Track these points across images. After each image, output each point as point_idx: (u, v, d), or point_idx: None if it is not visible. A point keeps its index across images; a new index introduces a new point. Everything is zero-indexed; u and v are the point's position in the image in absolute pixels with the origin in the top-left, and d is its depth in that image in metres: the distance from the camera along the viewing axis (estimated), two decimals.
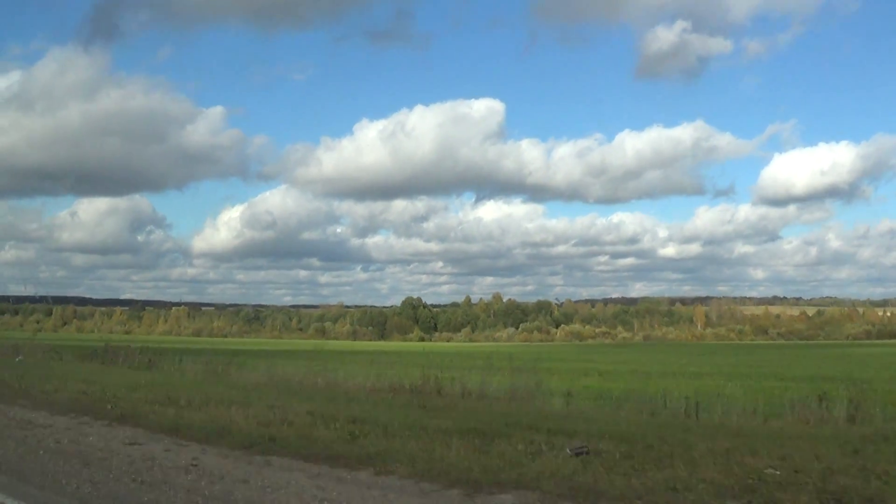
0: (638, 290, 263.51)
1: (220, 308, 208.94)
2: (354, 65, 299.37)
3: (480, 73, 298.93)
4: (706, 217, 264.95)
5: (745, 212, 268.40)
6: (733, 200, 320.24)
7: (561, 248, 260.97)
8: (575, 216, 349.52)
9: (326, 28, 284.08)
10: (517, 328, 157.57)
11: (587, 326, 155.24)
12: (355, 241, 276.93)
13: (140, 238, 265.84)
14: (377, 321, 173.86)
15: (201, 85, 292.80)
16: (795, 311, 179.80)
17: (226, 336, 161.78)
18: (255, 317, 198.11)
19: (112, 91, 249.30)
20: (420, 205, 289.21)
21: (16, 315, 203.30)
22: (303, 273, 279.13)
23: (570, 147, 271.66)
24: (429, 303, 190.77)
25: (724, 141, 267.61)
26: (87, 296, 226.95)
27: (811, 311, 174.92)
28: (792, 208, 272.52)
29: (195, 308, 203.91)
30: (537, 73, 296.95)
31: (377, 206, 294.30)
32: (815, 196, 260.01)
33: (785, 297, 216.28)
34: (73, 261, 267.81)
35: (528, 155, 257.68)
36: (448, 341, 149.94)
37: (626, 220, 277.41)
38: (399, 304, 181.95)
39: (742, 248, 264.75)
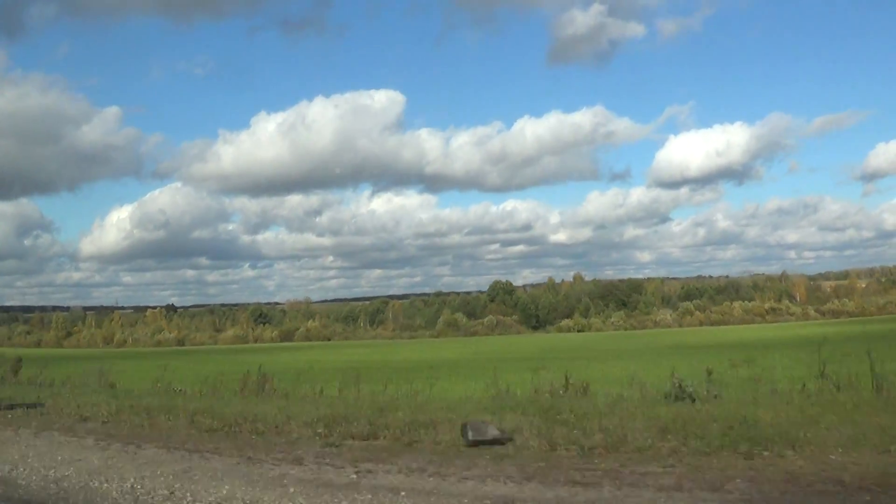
0: (524, 277, 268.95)
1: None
2: (260, 56, 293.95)
3: (387, 62, 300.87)
4: (598, 202, 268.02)
5: (638, 195, 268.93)
6: (629, 184, 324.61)
7: (454, 238, 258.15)
8: (469, 205, 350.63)
9: (244, 18, 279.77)
10: (674, 309, 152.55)
11: (752, 303, 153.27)
12: (246, 238, 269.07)
13: (27, 243, 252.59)
14: (464, 309, 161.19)
15: (100, 82, 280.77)
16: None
17: (329, 339, 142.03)
18: (260, 315, 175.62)
19: (7, 91, 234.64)
20: (314, 199, 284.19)
21: None
22: (190, 273, 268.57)
23: (469, 135, 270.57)
24: (316, 298, 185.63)
25: (622, 125, 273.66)
26: None
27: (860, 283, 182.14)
28: (684, 190, 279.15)
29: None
30: (448, 61, 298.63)
31: (271, 201, 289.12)
32: (708, 177, 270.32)
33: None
34: None
35: (428, 144, 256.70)
36: (592, 330, 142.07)
37: (519, 207, 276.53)
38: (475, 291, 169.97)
39: (632, 232, 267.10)
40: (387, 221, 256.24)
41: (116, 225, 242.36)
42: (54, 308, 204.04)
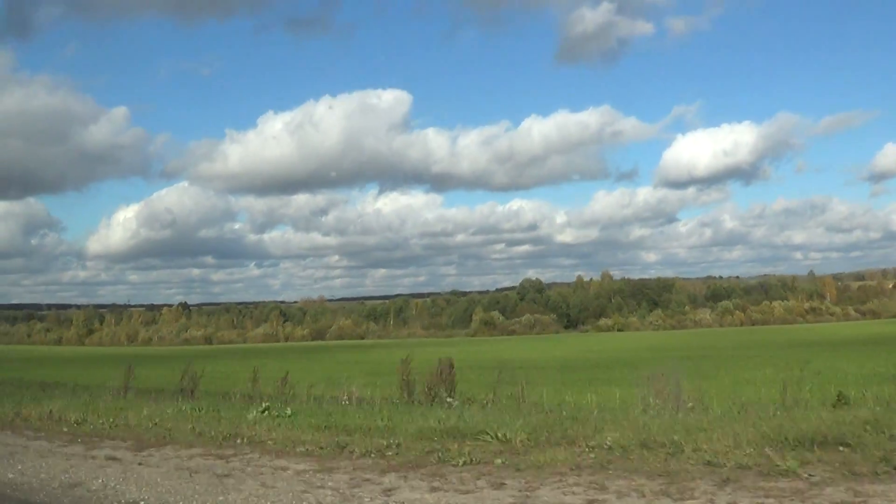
0: (529, 276, 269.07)
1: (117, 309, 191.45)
2: (268, 56, 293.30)
3: (394, 62, 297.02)
4: (605, 201, 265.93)
5: (644, 195, 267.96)
6: (636, 184, 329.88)
7: (460, 238, 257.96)
8: (475, 205, 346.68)
9: (251, 17, 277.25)
10: (712, 309, 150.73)
11: (790, 302, 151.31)
12: (252, 238, 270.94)
13: (33, 242, 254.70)
14: (495, 308, 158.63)
15: (108, 82, 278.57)
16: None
17: (363, 338, 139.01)
18: (280, 313, 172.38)
19: (14, 91, 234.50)
20: (321, 198, 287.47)
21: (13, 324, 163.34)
22: (195, 271, 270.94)
23: (476, 134, 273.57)
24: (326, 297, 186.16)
25: (630, 125, 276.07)
26: None
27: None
28: (691, 190, 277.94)
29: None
30: (456, 61, 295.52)
31: (278, 200, 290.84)
32: (715, 177, 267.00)
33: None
34: None
35: (434, 144, 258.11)
36: (630, 329, 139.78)
37: (525, 206, 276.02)
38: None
39: (638, 232, 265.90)
40: (392, 221, 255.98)
41: (123, 224, 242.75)
42: (60, 306, 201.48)
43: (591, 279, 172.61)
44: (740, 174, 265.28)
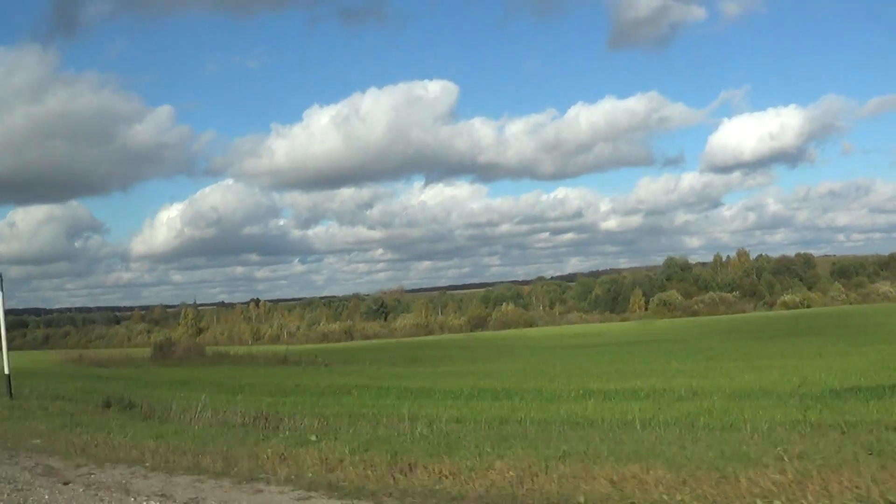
0: (573, 265, 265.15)
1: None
2: (315, 48, 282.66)
3: (443, 52, 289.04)
4: (650, 188, 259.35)
5: (690, 180, 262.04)
6: (682, 169, 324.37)
7: (504, 228, 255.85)
8: (520, 194, 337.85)
9: (305, 8, 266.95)
10: (891, 282, 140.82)
11: None
12: (296, 234, 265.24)
13: (77, 245, 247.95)
14: (646, 288, 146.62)
15: (154, 79, 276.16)
16: None
17: (531, 325, 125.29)
18: (380, 307, 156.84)
19: (59, 91, 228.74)
20: (366, 192, 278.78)
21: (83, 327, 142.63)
22: (239, 269, 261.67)
23: (522, 123, 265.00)
24: (364, 291, 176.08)
25: (677, 110, 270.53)
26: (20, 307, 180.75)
27: None
28: (736, 174, 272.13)
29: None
30: (506, 49, 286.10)
31: (323, 195, 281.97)
32: (761, 161, 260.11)
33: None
34: (8, 273, 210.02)
35: (481, 134, 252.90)
36: (817, 306, 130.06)
37: (570, 194, 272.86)
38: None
39: (683, 217, 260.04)
40: (438, 213, 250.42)
41: (167, 224, 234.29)
42: (107, 309, 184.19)
43: (728, 257, 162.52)
44: (786, 157, 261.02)
